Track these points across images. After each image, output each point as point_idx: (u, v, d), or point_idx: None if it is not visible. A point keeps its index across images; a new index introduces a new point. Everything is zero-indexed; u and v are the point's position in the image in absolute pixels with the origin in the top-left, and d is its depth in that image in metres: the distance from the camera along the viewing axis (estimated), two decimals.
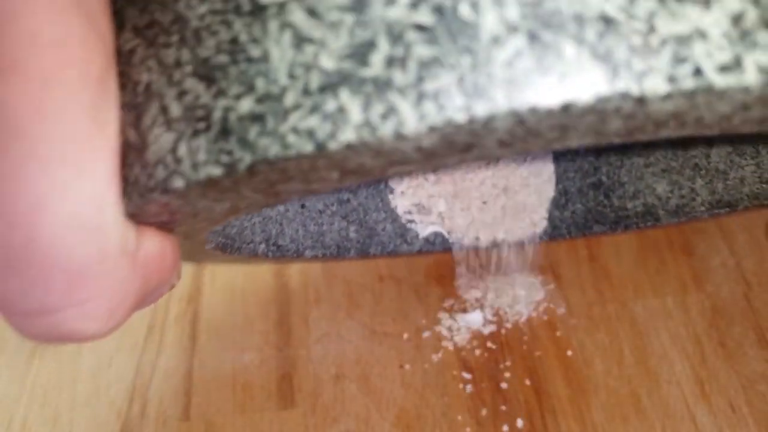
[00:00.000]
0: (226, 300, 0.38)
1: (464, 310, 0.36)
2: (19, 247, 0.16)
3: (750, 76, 0.14)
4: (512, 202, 0.32)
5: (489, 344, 0.35)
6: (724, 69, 0.14)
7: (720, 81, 0.14)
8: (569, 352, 0.34)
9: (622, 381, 0.33)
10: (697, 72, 0.14)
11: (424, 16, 0.14)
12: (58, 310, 0.17)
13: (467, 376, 0.34)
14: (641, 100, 0.14)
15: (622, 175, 0.31)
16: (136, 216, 0.18)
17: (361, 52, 0.14)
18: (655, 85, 0.14)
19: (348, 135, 0.14)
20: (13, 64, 0.15)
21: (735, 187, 0.29)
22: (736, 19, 0.14)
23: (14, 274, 0.16)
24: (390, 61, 0.14)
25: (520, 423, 0.32)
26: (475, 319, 0.35)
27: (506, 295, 0.36)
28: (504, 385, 0.33)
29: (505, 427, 0.32)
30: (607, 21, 0.14)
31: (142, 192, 0.17)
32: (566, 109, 0.14)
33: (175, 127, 0.16)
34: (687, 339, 0.34)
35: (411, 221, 0.33)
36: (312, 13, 0.15)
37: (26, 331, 0.18)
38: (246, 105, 0.15)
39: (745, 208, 0.29)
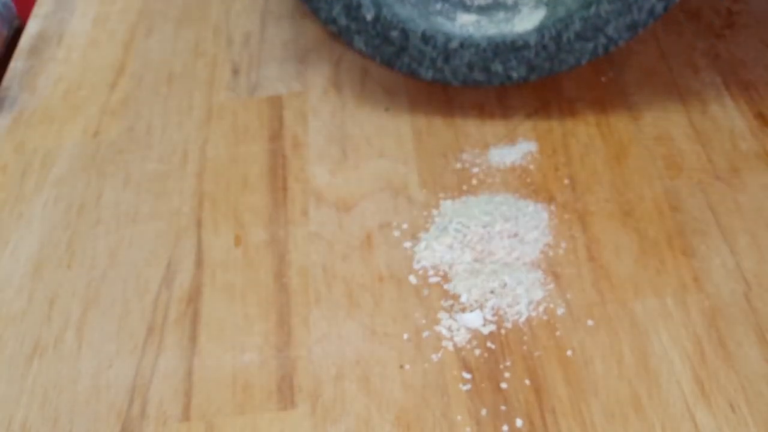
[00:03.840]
0: (226, 300, 0.38)
1: (464, 310, 0.36)
2: None
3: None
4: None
5: (489, 344, 0.35)
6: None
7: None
8: (569, 352, 0.34)
9: (622, 381, 0.33)
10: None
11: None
12: None
13: (467, 376, 0.34)
14: None
15: None
16: None
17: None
18: None
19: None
20: None
21: None
22: None
23: None
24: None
25: (519, 423, 0.32)
26: (474, 319, 0.35)
27: (506, 294, 0.36)
28: (504, 385, 0.33)
29: (505, 427, 0.32)
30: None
31: None
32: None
33: None
34: (687, 339, 0.34)
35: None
36: None
37: None
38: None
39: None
